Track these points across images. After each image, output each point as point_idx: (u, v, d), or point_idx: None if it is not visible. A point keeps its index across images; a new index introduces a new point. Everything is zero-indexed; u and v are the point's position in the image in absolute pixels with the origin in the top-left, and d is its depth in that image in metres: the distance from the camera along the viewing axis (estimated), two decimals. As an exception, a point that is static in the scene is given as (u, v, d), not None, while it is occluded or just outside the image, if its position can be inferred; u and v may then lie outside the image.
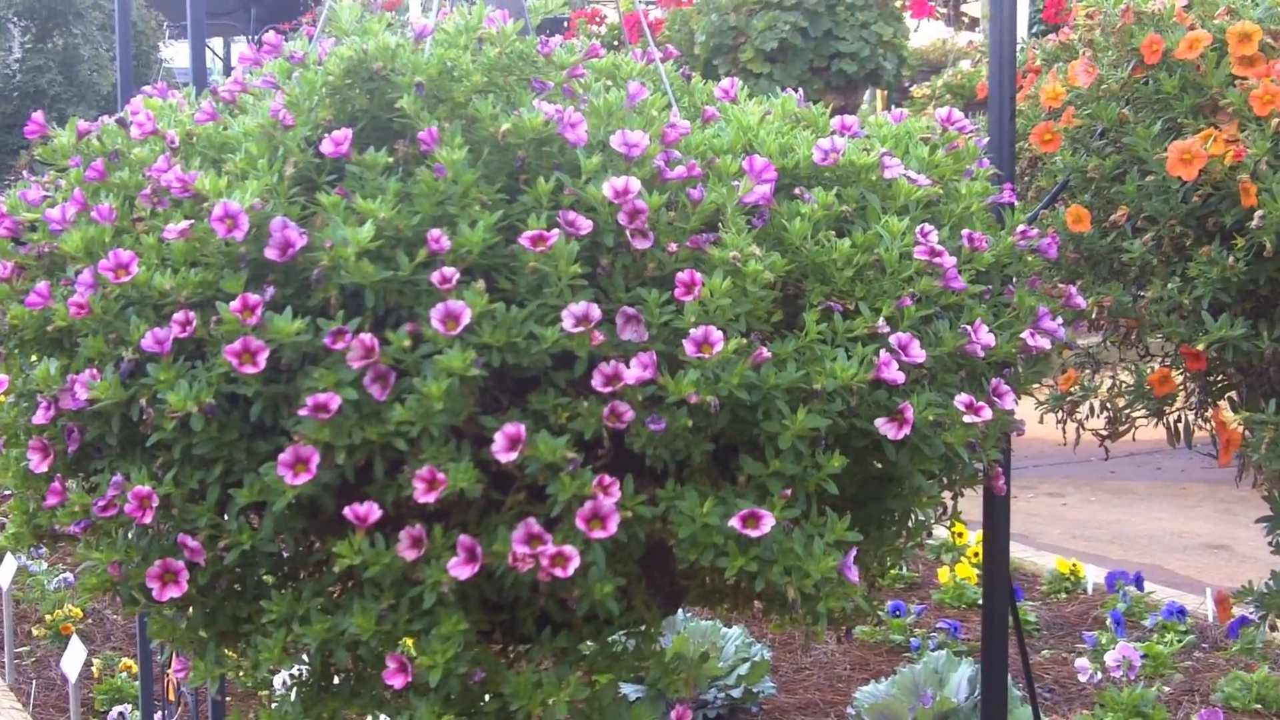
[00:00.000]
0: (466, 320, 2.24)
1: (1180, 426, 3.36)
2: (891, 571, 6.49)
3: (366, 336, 2.26)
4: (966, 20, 20.88)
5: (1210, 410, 3.22)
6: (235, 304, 2.29)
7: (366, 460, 2.31)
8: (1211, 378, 3.26)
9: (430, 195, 2.38)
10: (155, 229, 2.45)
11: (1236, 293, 2.95)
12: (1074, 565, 6.95)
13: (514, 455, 2.24)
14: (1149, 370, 3.16)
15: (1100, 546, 8.02)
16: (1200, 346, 2.95)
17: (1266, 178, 2.83)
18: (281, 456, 2.27)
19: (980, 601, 3.57)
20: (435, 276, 2.28)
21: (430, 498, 2.24)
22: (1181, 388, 3.23)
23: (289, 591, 2.47)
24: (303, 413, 2.25)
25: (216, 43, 22.02)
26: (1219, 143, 2.89)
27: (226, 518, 2.40)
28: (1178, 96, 3.03)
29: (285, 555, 2.52)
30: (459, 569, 2.27)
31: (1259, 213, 2.83)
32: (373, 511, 2.29)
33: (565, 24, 9.74)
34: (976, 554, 6.75)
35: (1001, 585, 3.44)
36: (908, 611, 6.26)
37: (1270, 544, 3.05)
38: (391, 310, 2.34)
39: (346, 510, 2.29)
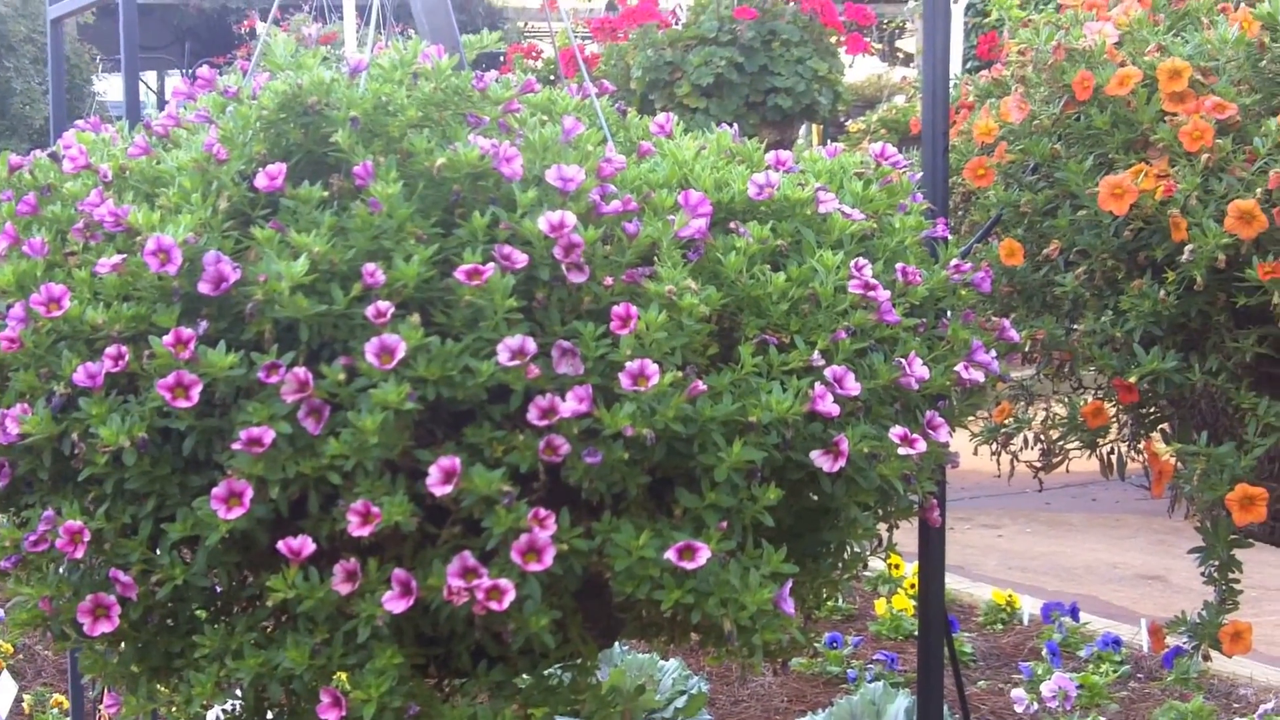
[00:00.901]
0: (401, 354, 2.24)
1: (1113, 458, 3.38)
2: (828, 603, 6.49)
3: (301, 370, 2.25)
4: (901, 56, 21.00)
5: (1143, 442, 3.24)
6: (168, 338, 2.28)
7: (301, 494, 2.30)
8: (1144, 410, 3.28)
9: (365, 229, 2.37)
10: (88, 263, 2.44)
11: (1168, 326, 2.97)
12: (1010, 596, 6.97)
13: (449, 488, 2.24)
14: (1082, 403, 3.17)
15: (1036, 577, 8.05)
16: (1132, 379, 2.97)
17: (1196, 212, 2.85)
18: (215, 491, 2.26)
19: (917, 633, 3.58)
20: (370, 310, 2.27)
21: (365, 531, 2.24)
22: (1114, 420, 3.25)
23: (222, 626, 2.46)
24: (236, 447, 2.24)
25: (150, 76, 21.96)
26: (1150, 178, 2.91)
27: (159, 552, 2.38)
28: (1109, 132, 3.05)
29: (218, 590, 2.51)
30: (393, 603, 2.26)
31: (1189, 247, 2.85)
32: (306, 545, 2.28)
33: (501, 59, 9.74)
34: (913, 585, 6.76)
35: (937, 617, 3.45)
36: (844, 643, 6.27)
37: (1203, 574, 3.06)
38: (326, 344, 2.34)
39: (280, 544, 2.29)
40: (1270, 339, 2.94)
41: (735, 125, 3.02)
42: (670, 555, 2.28)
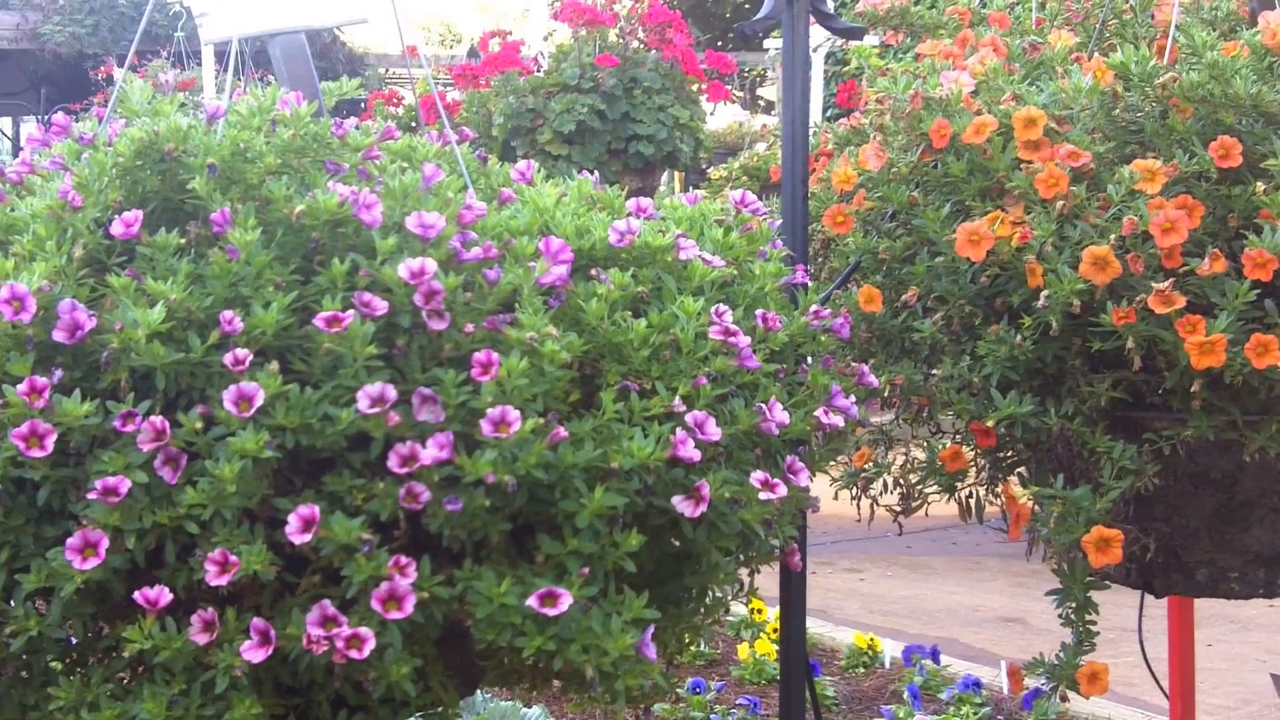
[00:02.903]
0: (259, 402, 2.23)
1: (972, 502, 3.41)
2: (691, 649, 6.51)
3: (157, 419, 2.23)
4: (762, 104, 21.17)
5: (1000, 486, 3.27)
6: (22, 387, 2.25)
7: (158, 544, 2.28)
8: (1001, 454, 3.31)
9: (223, 277, 2.36)
10: (-61, 311, 2.40)
11: (1024, 371, 3.00)
12: (871, 640, 7.01)
13: (308, 537, 2.22)
14: (941, 447, 3.20)
15: (898, 621, 8.11)
16: (990, 423, 3.00)
17: (1052, 259, 2.89)
18: (70, 541, 2.23)
19: (779, 677, 3.59)
20: (228, 358, 2.26)
21: (222, 581, 2.21)
22: (972, 464, 3.27)
23: (77, 678, 2.41)
24: (91, 496, 2.22)
25: (5, 123, 21.68)
26: (1005, 225, 2.94)
27: (13, 604, 2.34)
28: (965, 180, 3.09)
29: (74, 641, 2.47)
30: (252, 653, 2.24)
31: (1045, 292, 2.89)
32: (163, 595, 2.26)
33: (362, 106, 9.71)
34: (775, 630, 6.79)
35: (799, 661, 3.46)
36: (708, 688, 6.27)
37: (1061, 616, 3.09)
38: (183, 392, 2.32)
39: (137, 594, 2.26)
40: (1124, 383, 2.99)
41: (597, 172, 3.03)
42: (532, 602, 2.28)
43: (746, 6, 24.69)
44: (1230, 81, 2.97)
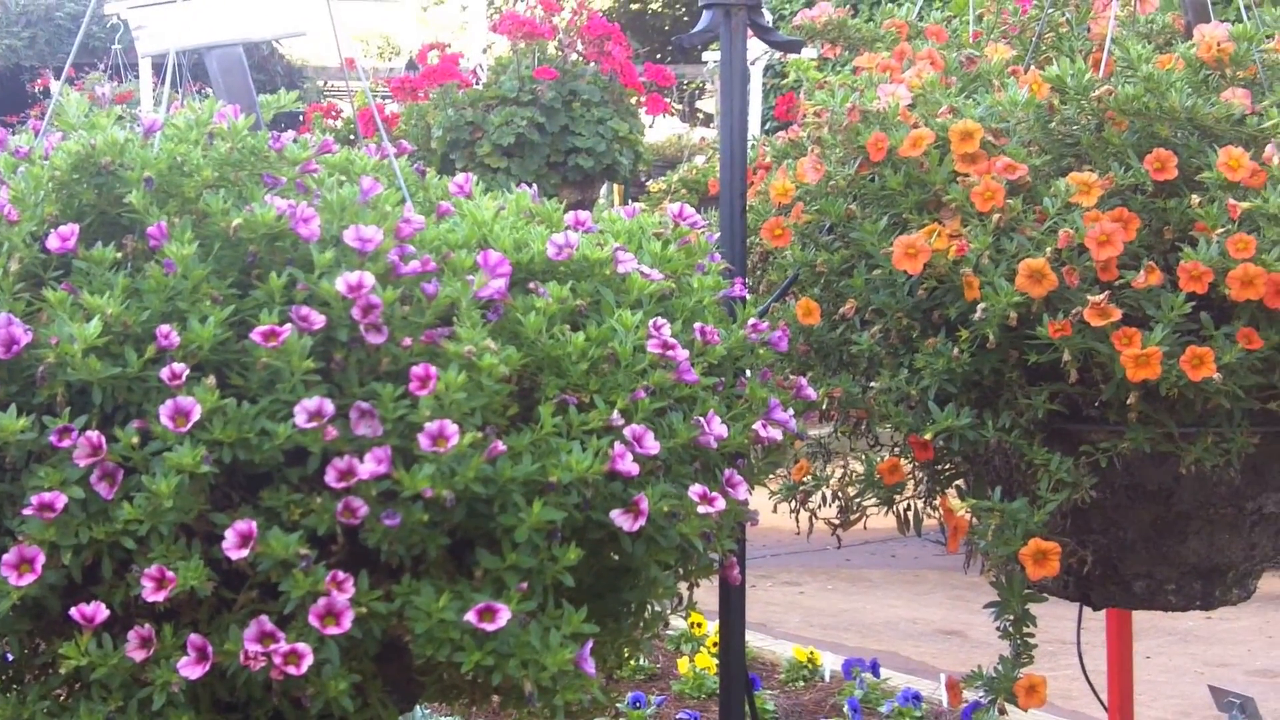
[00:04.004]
0: (196, 417, 2.21)
1: (910, 515, 3.42)
2: (630, 663, 6.49)
3: (93, 434, 2.22)
4: (701, 116, 21.20)
5: (938, 498, 3.28)
6: (-44, 402, 2.23)
7: (94, 559, 2.26)
8: (939, 466, 3.32)
9: (159, 291, 2.35)
10: (-127, 326, 2.38)
11: (962, 383, 3.01)
12: (811, 653, 7.01)
13: (245, 552, 2.21)
14: (879, 459, 3.20)
15: (837, 634, 8.12)
16: (927, 436, 3.01)
17: (988, 271, 2.91)
18: (5, 557, 2.22)
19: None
20: (164, 373, 2.25)
21: (159, 597, 2.20)
22: (910, 476, 3.28)
23: (13, 695, 2.40)
24: (27, 512, 2.20)
25: (-59, 135, 21.49)
26: (942, 238, 2.95)
27: (-53, 621, 2.33)
28: (903, 193, 3.09)
29: (9, 658, 2.45)
30: (189, 669, 2.23)
31: (981, 305, 2.90)
32: (100, 612, 2.24)
33: (300, 118, 9.68)
34: (716, 644, 6.78)
35: (738, 675, 3.46)
36: (648, 703, 6.26)
37: (999, 629, 3.10)
38: (120, 407, 2.30)
39: (73, 611, 2.24)
40: (1061, 396, 3.00)
41: (536, 185, 3.03)
42: (470, 617, 2.27)
43: (685, 19, 24.77)
44: (1165, 94, 2.99)
